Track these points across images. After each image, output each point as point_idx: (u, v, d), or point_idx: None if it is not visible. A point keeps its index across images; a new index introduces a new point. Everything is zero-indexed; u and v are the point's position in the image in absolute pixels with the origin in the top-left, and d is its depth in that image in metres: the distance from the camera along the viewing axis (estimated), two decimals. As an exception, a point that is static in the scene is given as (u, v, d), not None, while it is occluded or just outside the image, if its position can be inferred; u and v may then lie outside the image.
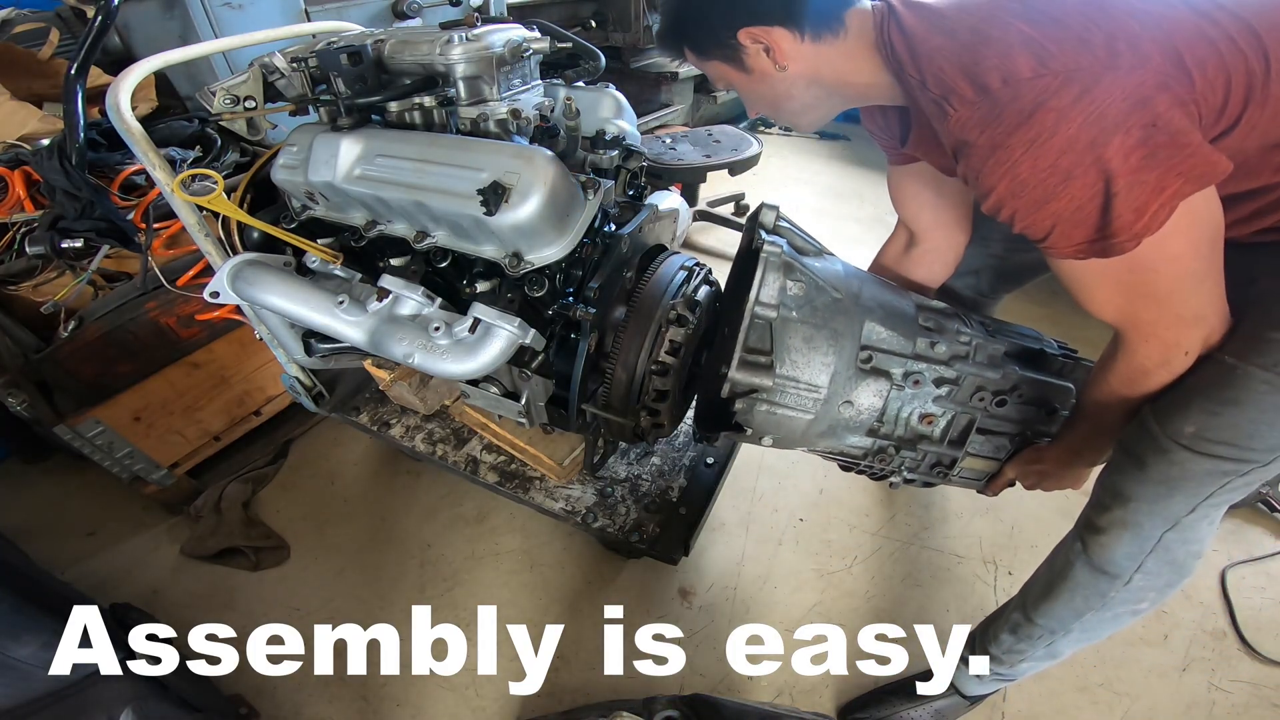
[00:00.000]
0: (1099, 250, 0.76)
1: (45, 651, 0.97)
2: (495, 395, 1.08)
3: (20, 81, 1.65)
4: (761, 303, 0.93)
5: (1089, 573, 0.97)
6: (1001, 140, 0.72)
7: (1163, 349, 0.83)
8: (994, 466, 1.13)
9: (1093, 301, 0.83)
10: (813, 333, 0.96)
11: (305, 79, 0.97)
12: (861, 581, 1.58)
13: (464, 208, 0.83)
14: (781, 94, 0.95)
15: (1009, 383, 1.04)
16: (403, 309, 0.95)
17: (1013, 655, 1.14)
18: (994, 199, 0.77)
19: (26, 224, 1.41)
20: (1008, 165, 0.72)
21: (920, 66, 0.79)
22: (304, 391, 1.42)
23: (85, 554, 1.63)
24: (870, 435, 1.07)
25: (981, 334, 1.03)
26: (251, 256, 1.06)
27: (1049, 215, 0.74)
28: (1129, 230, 0.72)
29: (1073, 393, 1.06)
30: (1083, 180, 0.70)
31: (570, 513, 1.37)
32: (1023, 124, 0.70)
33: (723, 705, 1.25)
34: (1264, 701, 1.35)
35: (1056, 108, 0.68)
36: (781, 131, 4.31)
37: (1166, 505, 0.88)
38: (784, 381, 0.97)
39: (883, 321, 0.99)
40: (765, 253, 0.92)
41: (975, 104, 0.73)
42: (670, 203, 1.11)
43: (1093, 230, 0.74)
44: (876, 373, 1.01)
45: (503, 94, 0.97)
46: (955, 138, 0.77)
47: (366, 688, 1.38)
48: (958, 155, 0.80)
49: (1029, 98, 0.69)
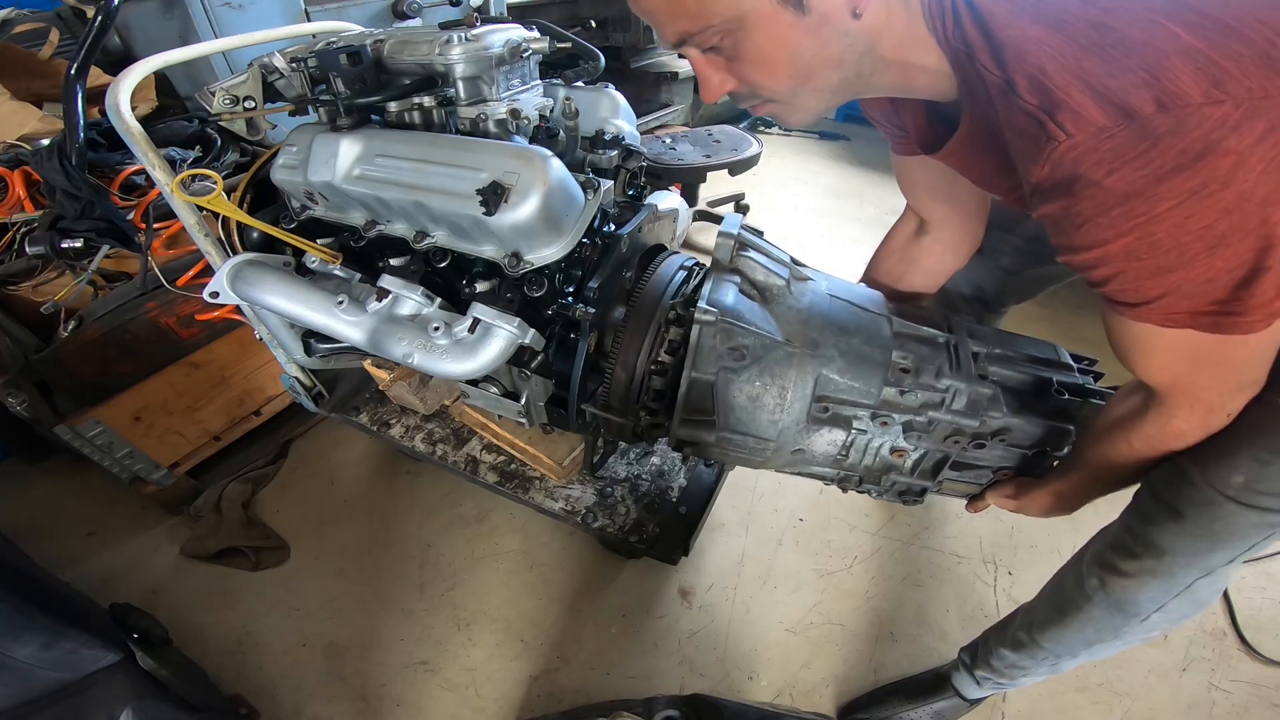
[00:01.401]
0: (1209, 324, 0.60)
1: (45, 651, 0.97)
2: (495, 395, 1.08)
3: (20, 81, 1.65)
4: (699, 370, 0.91)
5: (1105, 609, 0.92)
6: (1145, 187, 0.53)
7: (1207, 414, 0.71)
8: (974, 489, 1.07)
9: (1148, 365, 0.69)
10: (759, 391, 0.92)
11: (305, 79, 0.97)
12: (861, 581, 1.58)
13: (463, 208, 0.83)
14: (830, 58, 0.67)
15: (990, 429, 0.94)
16: (402, 309, 0.95)
17: (1014, 670, 1.13)
18: (1096, 255, 0.59)
19: (26, 224, 1.41)
20: (1143, 219, 0.54)
21: (1004, 61, 0.58)
22: (304, 391, 1.42)
23: (85, 554, 1.63)
24: (834, 467, 1.03)
25: (964, 377, 0.92)
26: (251, 256, 1.06)
27: (1164, 284, 0.58)
28: (1264, 309, 0.57)
29: (1071, 436, 0.95)
30: (1236, 249, 0.54)
31: (570, 513, 1.37)
32: (1184, 169, 0.51)
33: (723, 705, 1.25)
34: (1264, 701, 1.35)
35: (1236, 151, 0.50)
36: (781, 131, 4.31)
37: (1206, 559, 0.81)
38: (729, 435, 0.95)
39: (842, 372, 0.92)
40: (698, 321, 0.88)
41: (1108, 132, 0.53)
42: (670, 203, 1.11)
43: (1213, 304, 0.58)
44: (835, 420, 0.95)
45: (502, 94, 0.97)
46: (1061, 170, 0.57)
47: (366, 687, 1.38)
48: (1051, 192, 0.60)
49: (1198, 133, 0.50)
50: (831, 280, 1.05)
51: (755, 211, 3.21)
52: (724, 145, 2.65)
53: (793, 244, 2.98)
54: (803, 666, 1.42)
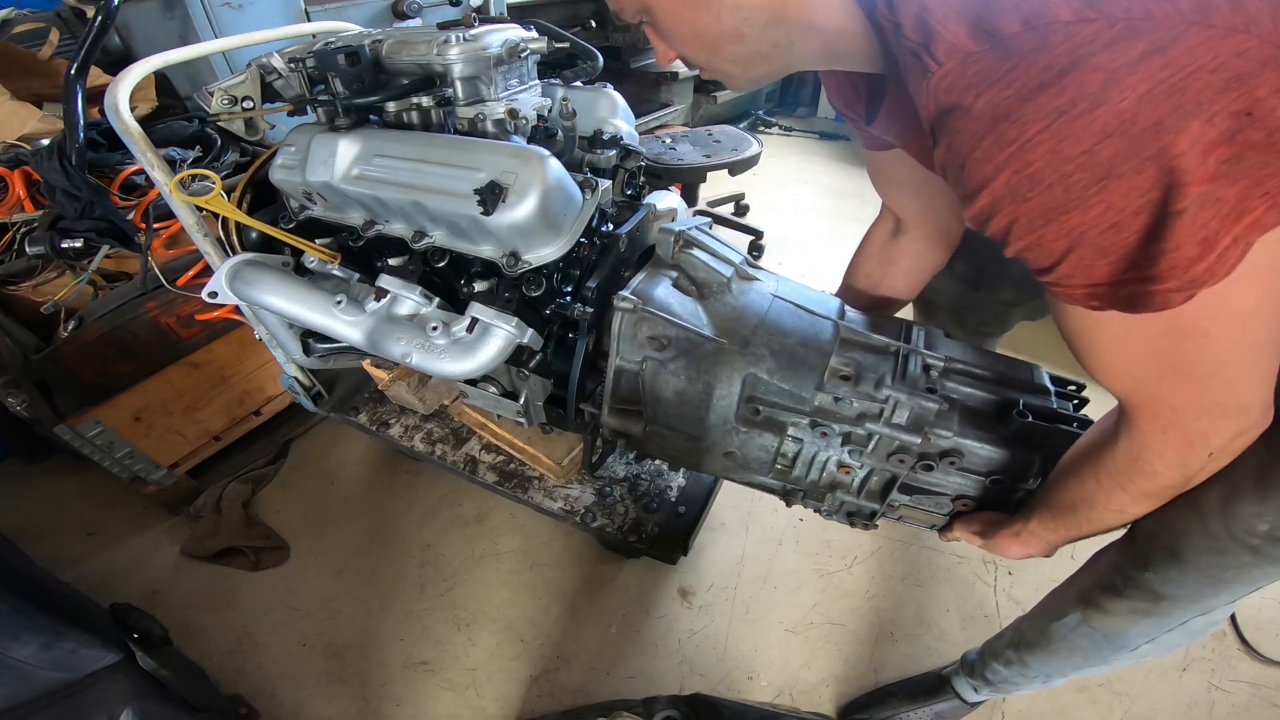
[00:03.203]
0: (1125, 299, 0.52)
1: (45, 651, 0.97)
2: (494, 395, 1.08)
3: (20, 81, 1.65)
4: (623, 356, 0.91)
5: (1092, 640, 0.89)
6: (1011, 108, 0.48)
7: (1183, 446, 0.60)
8: (936, 519, 0.97)
9: (1102, 367, 0.61)
10: (685, 385, 0.91)
11: (303, 79, 0.97)
12: (861, 581, 1.57)
13: (461, 207, 0.83)
14: (729, 31, 0.66)
15: (936, 448, 0.86)
16: (400, 308, 0.95)
17: (1008, 685, 1.13)
18: (985, 200, 0.53)
19: (26, 224, 1.42)
20: (1015, 146, 0.49)
21: (895, 4, 0.55)
22: (303, 391, 1.42)
23: (85, 554, 1.63)
24: (777, 479, 0.98)
25: (907, 389, 0.84)
26: (249, 256, 1.06)
27: (1063, 232, 0.51)
28: (1184, 273, 0.49)
29: (1034, 466, 0.85)
30: (1131, 182, 0.47)
31: (569, 512, 1.37)
32: (1049, 85, 0.46)
33: (723, 705, 1.25)
34: (1264, 701, 1.34)
35: (1107, 67, 0.44)
36: (782, 131, 4.31)
37: (1205, 603, 0.75)
38: (658, 429, 0.94)
39: (772, 372, 0.88)
40: (617, 308, 0.89)
41: (974, 55, 0.49)
42: (668, 202, 1.11)
43: (1124, 264, 0.51)
44: (769, 425, 0.91)
45: (500, 94, 0.97)
46: (937, 103, 0.53)
47: (366, 688, 1.38)
48: (936, 133, 0.56)
49: (1064, 48, 0.45)
50: (783, 282, 1.02)
51: (755, 211, 3.20)
52: (724, 145, 2.65)
53: (793, 244, 2.98)
54: (803, 666, 1.42)
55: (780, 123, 4.39)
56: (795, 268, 2.79)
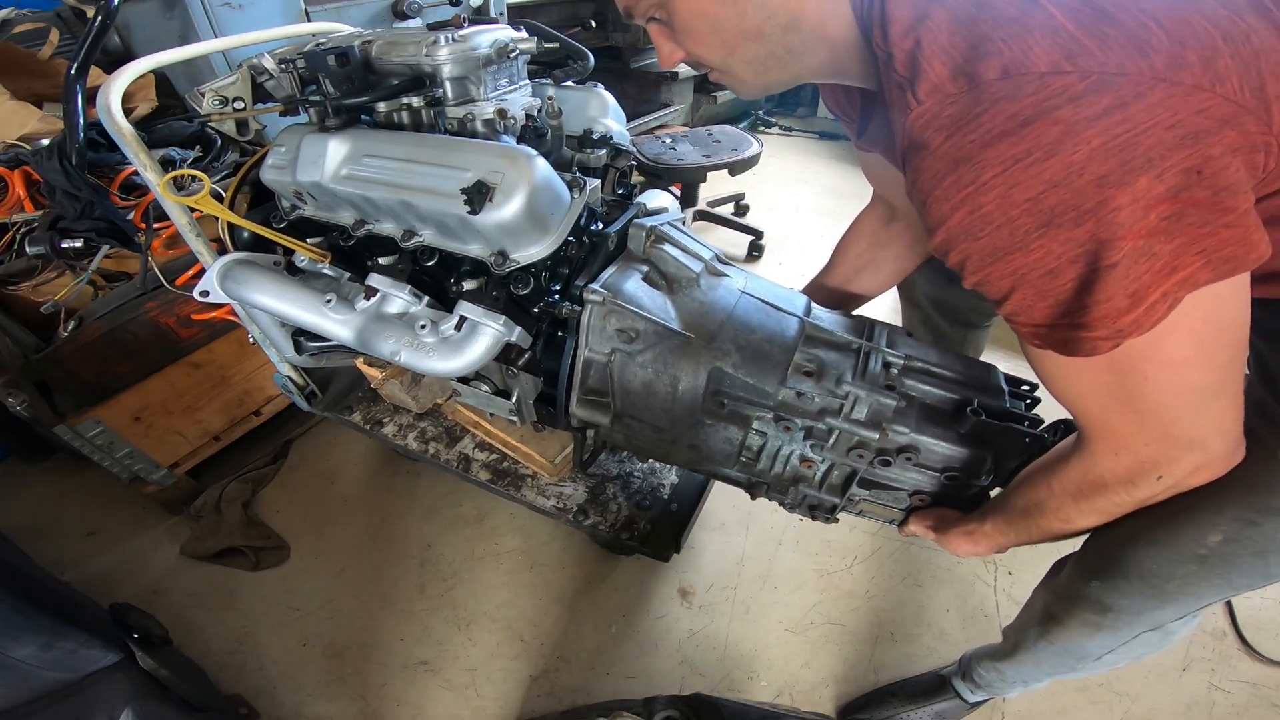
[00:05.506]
0: (1060, 342, 0.56)
1: (45, 651, 0.97)
2: (486, 393, 1.08)
3: (20, 81, 1.66)
4: (591, 348, 0.93)
5: (1052, 654, 0.91)
6: (972, 153, 0.50)
7: (1133, 466, 0.62)
8: (894, 514, 1.00)
9: (1057, 393, 0.64)
10: (653, 378, 0.92)
11: (294, 80, 0.97)
12: (861, 581, 1.57)
13: (449, 207, 0.83)
14: (750, 28, 0.66)
15: (894, 444, 0.88)
16: (390, 307, 0.95)
17: (994, 689, 1.16)
18: (942, 235, 0.56)
19: (26, 224, 1.42)
20: (971, 189, 0.51)
21: (890, 36, 0.57)
22: (296, 390, 1.43)
23: (85, 554, 1.65)
24: (742, 471, 1.00)
25: (866, 385, 0.87)
26: (240, 256, 1.06)
27: (1008, 271, 0.54)
28: (1111, 323, 0.51)
29: (986, 464, 0.87)
30: (1069, 233, 0.49)
31: (561, 510, 1.36)
32: (1010, 134, 0.48)
33: (723, 705, 1.25)
34: (1264, 701, 1.33)
35: (1068, 120, 0.47)
36: (782, 131, 4.30)
37: (1155, 615, 0.76)
38: (626, 420, 0.96)
39: (737, 367, 0.90)
40: (587, 301, 0.90)
41: (952, 98, 0.52)
42: (660, 201, 1.10)
43: (1060, 309, 0.54)
44: (733, 418, 0.93)
45: (489, 94, 0.96)
46: (910, 139, 0.56)
47: (366, 687, 1.38)
48: (906, 165, 0.58)
49: (1032, 99, 0.48)
50: (752, 279, 1.04)
51: (755, 211, 3.19)
52: (724, 145, 2.65)
53: (793, 244, 2.97)
54: (803, 666, 1.41)
55: (780, 123, 4.38)
56: (795, 267, 2.78)
